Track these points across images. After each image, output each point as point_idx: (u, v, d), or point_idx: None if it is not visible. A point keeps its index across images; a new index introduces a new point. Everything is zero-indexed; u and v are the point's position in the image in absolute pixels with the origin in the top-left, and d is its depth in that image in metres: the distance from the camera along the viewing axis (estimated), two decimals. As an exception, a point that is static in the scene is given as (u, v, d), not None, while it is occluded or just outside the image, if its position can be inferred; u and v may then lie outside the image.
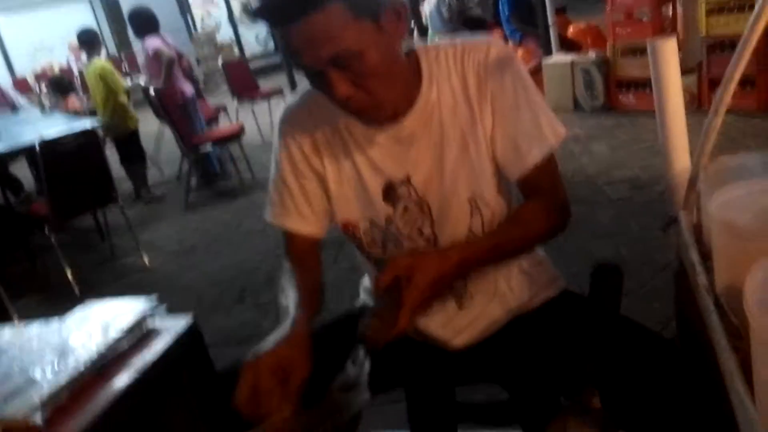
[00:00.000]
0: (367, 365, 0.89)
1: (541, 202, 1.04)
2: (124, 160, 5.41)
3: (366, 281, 1.30)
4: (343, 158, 1.09)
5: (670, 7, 4.80)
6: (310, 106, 1.11)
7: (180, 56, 5.37)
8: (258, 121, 6.66)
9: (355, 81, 0.92)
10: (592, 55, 5.07)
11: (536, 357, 1.08)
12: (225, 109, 6.59)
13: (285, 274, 1.11)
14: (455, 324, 1.13)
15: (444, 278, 0.93)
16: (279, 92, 7.01)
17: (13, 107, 6.30)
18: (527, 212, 1.05)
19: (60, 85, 6.34)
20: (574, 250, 2.81)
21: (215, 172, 5.53)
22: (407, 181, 1.07)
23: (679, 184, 1.02)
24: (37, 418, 0.86)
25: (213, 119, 6.07)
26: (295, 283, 1.07)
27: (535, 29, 5.70)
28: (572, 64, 5.11)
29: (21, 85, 10.58)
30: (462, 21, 5.43)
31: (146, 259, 3.93)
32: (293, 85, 7.98)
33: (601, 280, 1.11)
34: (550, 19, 5.52)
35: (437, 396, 1.42)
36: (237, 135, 5.25)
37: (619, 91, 4.96)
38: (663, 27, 4.72)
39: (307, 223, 1.13)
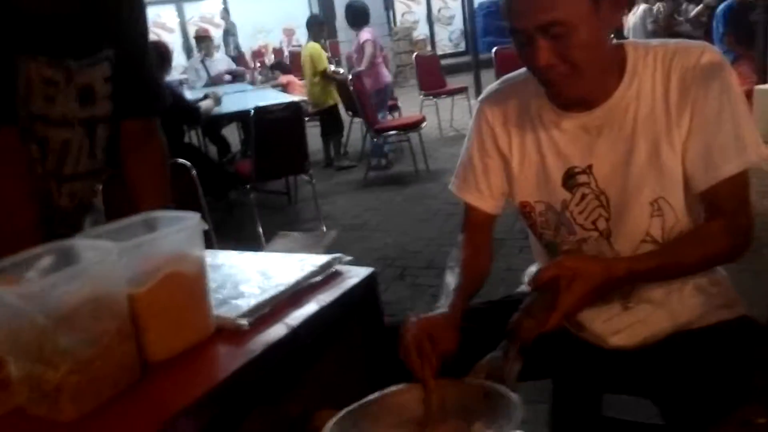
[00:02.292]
0: (518, 366, 0.93)
1: (724, 222, 0.99)
2: (325, 132, 6.05)
3: (531, 269, 1.33)
4: (529, 140, 1.15)
5: None
6: (507, 91, 1.19)
7: (381, 48, 5.84)
8: (440, 116, 6.85)
9: (560, 52, 0.97)
10: (817, 86, 4.52)
11: (698, 377, 1.01)
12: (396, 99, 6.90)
13: (456, 250, 1.20)
14: (616, 322, 1.12)
15: (604, 288, 0.94)
16: (464, 90, 7.13)
17: (234, 79, 7.23)
18: (708, 233, 1.01)
19: (279, 66, 7.87)
20: (756, 296, 2.54)
21: (390, 159, 5.88)
22: (589, 170, 1.09)
23: None
24: (245, 322, 1.03)
25: (393, 107, 6.46)
26: (462, 263, 1.15)
27: (752, 52, 5.18)
28: (790, 94, 4.58)
29: (239, 60, 11.89)
30: (668, 36, 5.13)
31: (324, 228, 4.24)
32: (478, 85, 8.03)
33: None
34: (772, 43, 4.99)
35: (584, 397, 1.41)
36: (418, 124, 5.51)
37: None
38: None
39: (482, 199, 1.21)
